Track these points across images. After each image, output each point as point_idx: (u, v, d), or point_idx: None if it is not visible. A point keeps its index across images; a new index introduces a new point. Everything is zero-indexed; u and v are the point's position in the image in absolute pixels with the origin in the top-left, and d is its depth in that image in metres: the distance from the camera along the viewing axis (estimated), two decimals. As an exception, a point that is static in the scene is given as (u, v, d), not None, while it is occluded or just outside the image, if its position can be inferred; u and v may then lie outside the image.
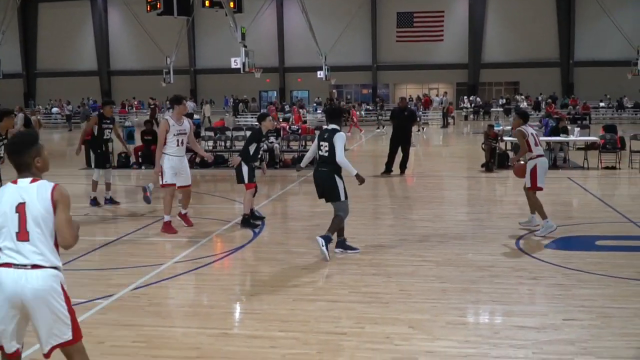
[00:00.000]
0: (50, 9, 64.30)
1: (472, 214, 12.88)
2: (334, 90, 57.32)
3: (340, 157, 9.17)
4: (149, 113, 44.25)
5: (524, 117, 11.25)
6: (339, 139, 9.22)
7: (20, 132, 4.79)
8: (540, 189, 10.79)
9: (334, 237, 9.48)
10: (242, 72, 36.72)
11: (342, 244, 9.65)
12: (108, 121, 14.04)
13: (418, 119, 29.54)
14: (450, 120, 43.67)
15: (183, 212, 11.61)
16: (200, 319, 6.99)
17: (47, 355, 4.47)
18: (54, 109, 54.73)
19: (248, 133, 18.24)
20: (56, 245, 4.46)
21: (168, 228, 11.09)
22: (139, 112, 54.81)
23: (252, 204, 11.82)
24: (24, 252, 4.33)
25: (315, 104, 54.87)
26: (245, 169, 11.53)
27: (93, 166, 14.61)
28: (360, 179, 9.53)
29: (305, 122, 31.61)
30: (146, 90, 57.73)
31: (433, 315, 6.93)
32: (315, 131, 25.77)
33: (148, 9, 28.88)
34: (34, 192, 4.41)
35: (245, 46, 35.54)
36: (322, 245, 9.07)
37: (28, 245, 4.34)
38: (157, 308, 7.46)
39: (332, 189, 9.32)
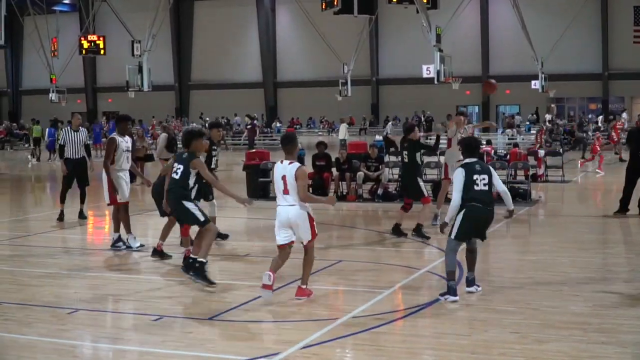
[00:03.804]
0: (209, 8, 67.83)
1: None
2: (553, 105, 56.20)
3: (504, 187, 10.72)
4: (246, 135, 43.93)
5: None
6: (494, 171, 10.55)
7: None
8: None
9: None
10: (436, 82, 36.81)
11: (474, 282, 10.58)
12: (215, 147, 14.61)
13: None
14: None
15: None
16: (382, 388, 7.08)
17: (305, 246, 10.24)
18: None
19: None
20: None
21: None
22: (310, 131, 56.35)
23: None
24: (287, 199, 9.95)
25: (528, 123, 54.02)
26: (421, 183, 14.94)
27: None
28: (512, 215, 10.94)
29: (516, 145, 31.10)
30: (318, 105, 59.40)
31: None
32: (527, 156, 25.40)
33: (323, 6, 29.76)
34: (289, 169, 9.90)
35: (440, 50, 35.60)
36: (476, 291, 10.45)
37: (288, 196, 9.93)
38: (330, 372, 7.65)
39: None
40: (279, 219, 10.01)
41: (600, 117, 53.19)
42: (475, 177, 10.14)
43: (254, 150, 27.20)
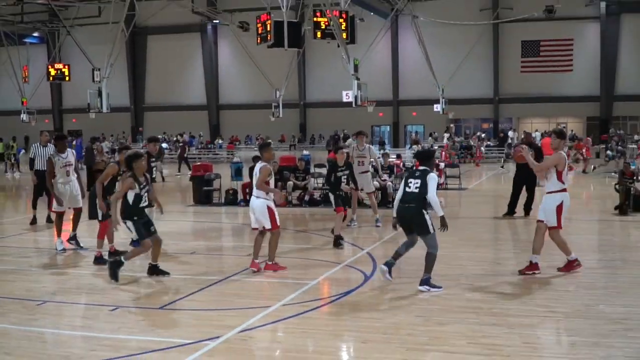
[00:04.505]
0: (160, 41, 67.04)
1: (604, 261, 12.48)
2: (451, 125, 56.91)
3: (433, 194, 9.93)
4: (178, 152, 43.21)
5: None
6: (433, 178, 10.02)
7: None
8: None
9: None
10: (354, 105, 36.93)
11: (427, 282, 10.04)
12: (153, 159, 14.45)
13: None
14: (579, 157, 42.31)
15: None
16: (308, 365, 7.07)
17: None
18: (163, 144, 56.64)
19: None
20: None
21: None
22: (248, 147, 56.13)
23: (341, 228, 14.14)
24: (255, 191, 11.32)
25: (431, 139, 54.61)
26: (331, 197, 14.28)
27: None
28: (444, 223, 10.13)
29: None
30: (255, 125, 59.12)
31: (560, 371, 6.75)
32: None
33: (258, 40, 29.46)
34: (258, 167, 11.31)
35: (358, 79, 35.74)
36: (428, 290, 9.91)
37: (255, 189, 11.27)
38: (264, 352, 7.62)
39: (422, 224, 10.04)
40: (249, 206, 11.65)
41: (484, 135, 53.97)
42: (410, 180, 10.11)
43: (199, 164, 26.99)
